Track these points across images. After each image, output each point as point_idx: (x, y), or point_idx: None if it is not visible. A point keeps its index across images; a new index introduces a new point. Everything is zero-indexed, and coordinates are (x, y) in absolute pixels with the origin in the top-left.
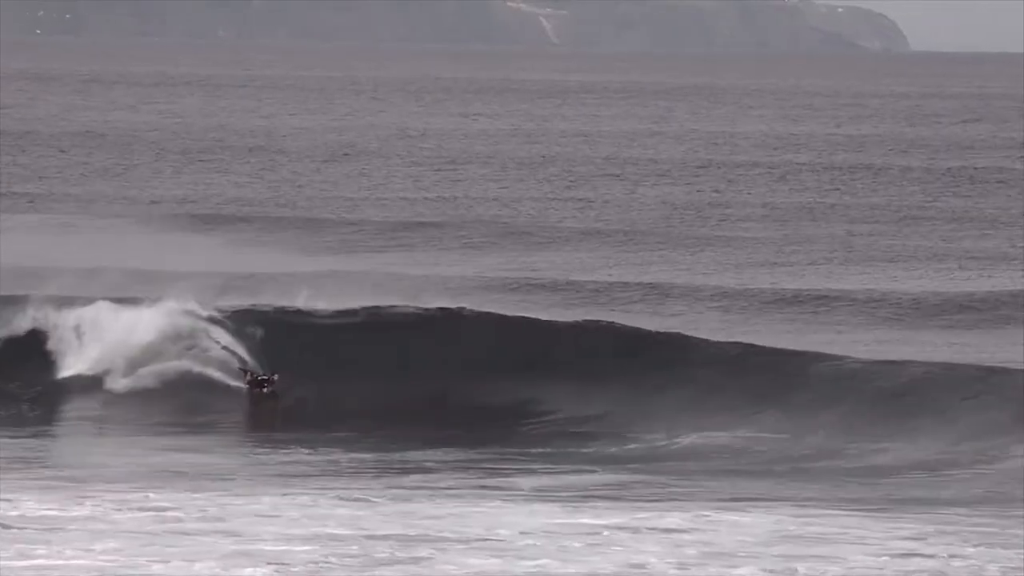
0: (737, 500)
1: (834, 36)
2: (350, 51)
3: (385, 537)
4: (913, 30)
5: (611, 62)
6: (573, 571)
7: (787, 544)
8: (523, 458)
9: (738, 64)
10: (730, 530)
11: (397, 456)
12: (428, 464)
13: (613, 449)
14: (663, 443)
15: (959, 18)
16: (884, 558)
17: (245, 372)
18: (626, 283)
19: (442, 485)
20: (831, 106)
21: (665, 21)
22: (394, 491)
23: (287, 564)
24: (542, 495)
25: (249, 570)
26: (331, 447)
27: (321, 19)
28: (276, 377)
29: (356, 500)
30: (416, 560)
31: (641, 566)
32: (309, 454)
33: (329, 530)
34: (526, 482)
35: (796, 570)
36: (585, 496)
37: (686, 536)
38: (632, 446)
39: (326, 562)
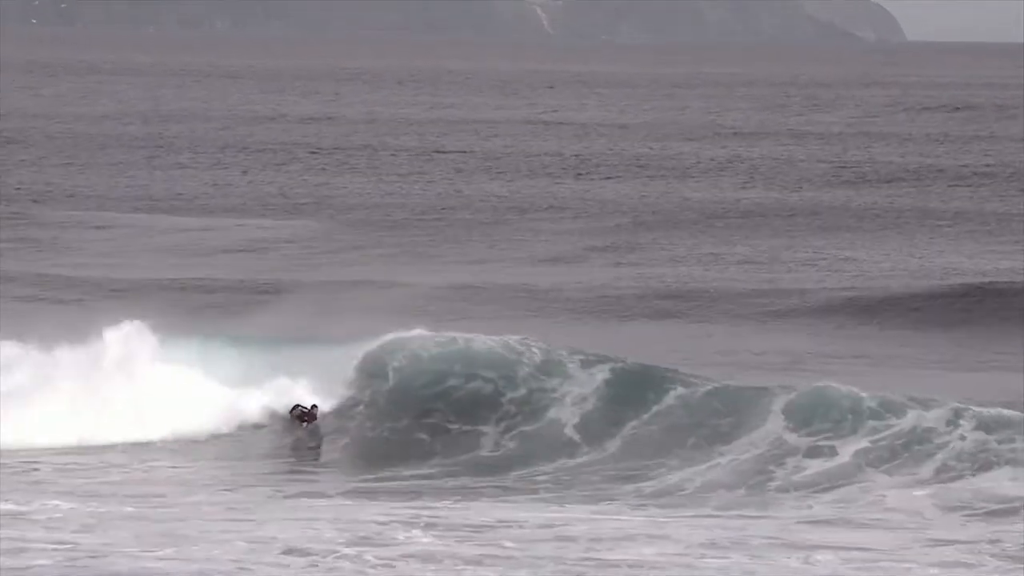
0: None
1: (828, 26)
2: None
3: None
4: (909, 20)
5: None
6: None
7: None
8: None
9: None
10: None
11: None
12: None
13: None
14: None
15: (957, 8)
16: None
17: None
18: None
19: None
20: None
21: (659, 11)
22: None
23: None
24: None
25: None
26: None
27: (314, 10)
28: (316, 409)
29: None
30: None
31: None
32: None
33: None
34: None
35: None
36: None
37: None
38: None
39: None
